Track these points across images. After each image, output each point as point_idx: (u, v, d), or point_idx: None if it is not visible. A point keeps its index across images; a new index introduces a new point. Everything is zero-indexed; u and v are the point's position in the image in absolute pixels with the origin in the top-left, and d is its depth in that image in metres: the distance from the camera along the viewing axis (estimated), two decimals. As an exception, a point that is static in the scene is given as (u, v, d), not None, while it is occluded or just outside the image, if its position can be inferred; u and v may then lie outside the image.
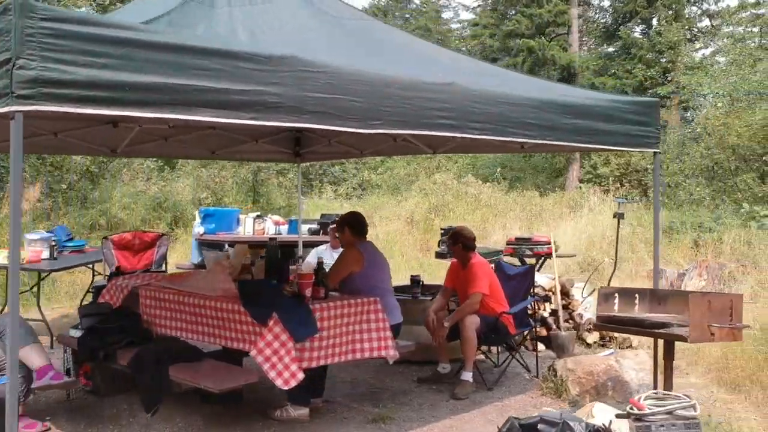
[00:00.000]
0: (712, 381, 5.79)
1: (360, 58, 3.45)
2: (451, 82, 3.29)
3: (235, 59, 2.58)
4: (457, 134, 3.33)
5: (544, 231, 13.51)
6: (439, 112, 3.22)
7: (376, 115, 2.99)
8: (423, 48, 4.29)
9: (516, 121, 3.59)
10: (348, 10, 4.60)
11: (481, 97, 3.41)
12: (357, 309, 4.52)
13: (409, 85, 3.13)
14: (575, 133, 3.94)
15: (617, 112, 4.21)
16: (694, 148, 13.47)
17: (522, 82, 4.13)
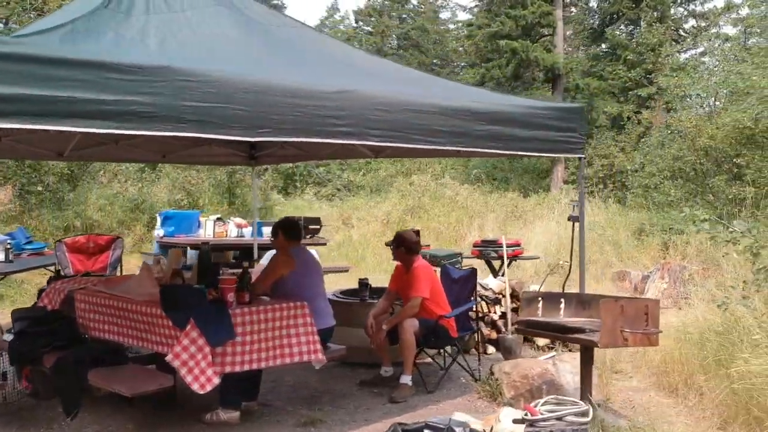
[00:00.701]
0: (653, 385, 5.82)
1: (266, 66, 3.48)
2: (350, 89, 3.32)
3: (104, 70, 2.61)
4: (354, 141, 3.36)
5: (519, 233, 13.57)
6: (335, 120, 3.25)
7: (264, 123, 3.02)
8: (347, 56, 4.31)
9: (422, 129, 3.62)
10: (277, 18, 4.63)
11: (382, 104, 3.44)
12: (283, 313, 4.55)
13: (302, 93, 3.16)
14: (489, 139, 3.96)
15: (536, 119, 4.23)
16: (665, 149, 13.50)
17: (442, 89, 4.15)
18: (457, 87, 4.51)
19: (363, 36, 50.88)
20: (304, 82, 3.27)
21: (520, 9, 21.14)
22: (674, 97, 16.15)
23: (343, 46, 4.63)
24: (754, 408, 4.46)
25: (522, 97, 5.05)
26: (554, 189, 20.90)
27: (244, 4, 4.52)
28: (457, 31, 46.22)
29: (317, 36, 4.60)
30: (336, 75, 3.61)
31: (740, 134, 11.46)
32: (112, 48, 3.27)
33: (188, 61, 3.10)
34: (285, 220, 5.37)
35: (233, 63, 3.35)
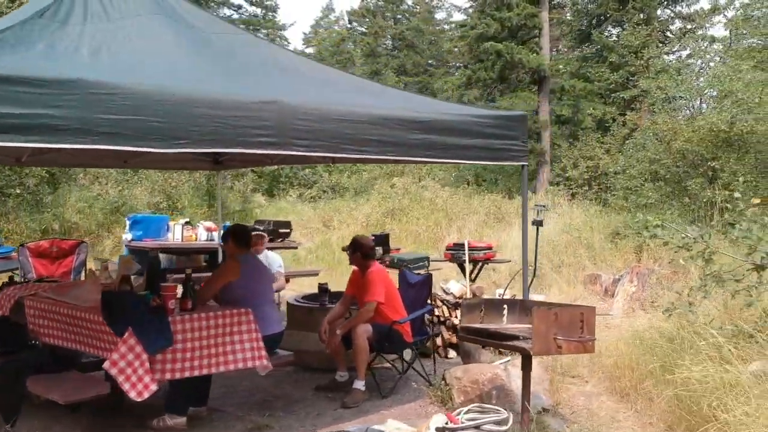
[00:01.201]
0: (606, 389, 5.85)
1: (193, 77, 3.51)
2: (274, 100, 3.35)
3: (10, 83, 2.64)
4: (279, 152, 3.39)
5: (498, 235, 13.61)
6: (258, 131, 3.28)
7: (183, 134, 3.04)
8: (286, 65, 4.34)
9: (351, 138, 3.65)
10: (220, 26, 4.66)
11: (309, 114, 3.47)
12: (226, 320, 4.58)
13: (224, 104, 3.19)
14: (424, 148, 3.99)
15: (476, 127, 4.26)
16: (642, 152, 13.55)
17: (378, 98, 4.17)
18: (398, 96, 4.52)
19: (357, 36, 50.93)
20: (228, 92, 3.30)
21: (506, 11, 21.19)
22: (657, 99, 16.19)
23: (286, 55, 4.64)
24: (695, 415, 4.51)
25: (467, 106, 5.05)
26: (540, 191, 20.97)
27: (187, 12, 4.56)
28: (452, 32, 46.27)
29: (260, 45, 4.61)
30: (265, 85, 3.64)
31: (716, 137, 11.51)
32: (38, 60, 3.29)
33: (108, 73, 3.13)
34: (235, 226, 5.41)
35: (160, 74, 3.38)
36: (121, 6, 4.27)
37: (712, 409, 4.29)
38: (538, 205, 8.33)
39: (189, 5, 4.76)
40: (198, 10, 4.68)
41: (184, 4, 4.70)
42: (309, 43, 65.32)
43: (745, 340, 5.27)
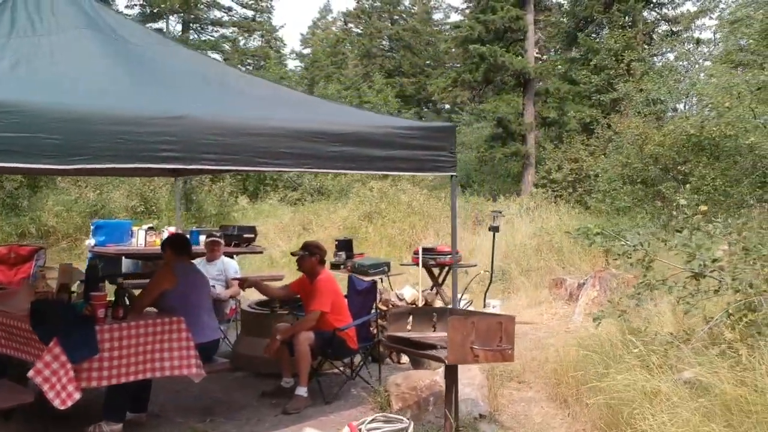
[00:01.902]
0: (547, 396, 5.90)
1: (103, 93, 3.56)
2: (181, 115, 3.41)
3: None
4: (187, 166, 3.45)
5: (474, 238, 13.67)
6: (164, 146, 3.33)
7: (81, 151, 3.09)
8: (213, 77, 4.39)
9: (264, 151, 3.70)
10: (152, 39, 4.72)
11: (218, 129, 3.53)
12: (157, 329, 4.63)
13: (126, 120, 3.24)
14: (342, 160, 4.05)
15: (398, 138, 4.31)
16: (613, 156, 13.61)
17: (297, 111, 4.21)
18: (322, 108, 4.57)
19: (353, 38, 50.95)
20: (133, 108, 3.35)
21: (490, 13, 21.23)
22: (637, 102, 16.25)
23: (215, 67, 4.68)
24: (619, 423, 4.56)
25: (395, 117, 5.10)
26: (525, 193, 21.01)
27: (120, 26, 4.61)
28: (448, 33, 46.20)
29: (191, 58, 4.65)
30: (179, 99, 3.69)
31: (687, 141, 11.55)
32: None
33: (18, 89, 3.19)
34: (173, 236, 5.47)
35: (70, 90, 3.44)
36: (50, 20, 4.32)
37: (633, 417, 4.34)
38: (494, 212, 8.41)
39: (124, 20, 4.83)
40: (133, 24, 4.75)
41: (119, 19, 4.77)
42: (306, 44, 65.55)
43: (681, 347, 5.32)
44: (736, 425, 3.94)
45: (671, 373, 4.85)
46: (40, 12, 4.37)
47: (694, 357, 4.99)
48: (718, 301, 5.81)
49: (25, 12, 4.32)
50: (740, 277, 5.46)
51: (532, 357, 6.86)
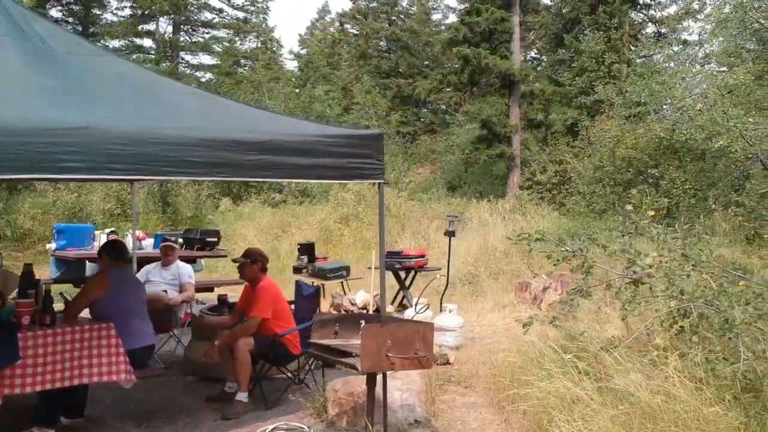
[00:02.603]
0: (487, 401, 5.93)
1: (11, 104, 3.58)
2: (86, 125, 3.43)
3: None
4: (92, 177, 3.49)
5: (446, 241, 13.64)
6: (67, 156, 3.35)
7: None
8: (137, 87, 4.41)
9: (175, 161, 3.72)
10: (82, 48, 4.74)
11: (125, 139, 3.54)
12: (85, 335, 4.66)
13: (28, 131, 3.27)
14: (261, 168, 4.06)
15: (321, 146, 4.32)
16: (586, 159, 13.64)
17: (215, 119, 4.23)
18: (242, 116, 4.57)
19: (350, 39, 50.96)
20: (37, 119, 3.37)
21: (475, 15, 21.24)
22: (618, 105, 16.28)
23: (143, 79, 4.69)
24: (542, 429, 4.59)
25: (321, 125, 5.07)
26: (510, 194, 21.00)
27: (48, 35, 4.63)
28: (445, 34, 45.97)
29: (117, 68, 4.66)
30: (87, 110, 3.70)
31: (659, 144, 11.57)
32: None
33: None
34: (108, 242, 5.50)
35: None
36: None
37: (551, 424, 4.37)
38: (450, 216, 8.44)
39: (57, 30, 4.86)
40: (68, 35, 4.79)
41: (51, 28, 4.79)
42: (304, 45, 65.63)
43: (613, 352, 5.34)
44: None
45: (596, 380, 4.89)
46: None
47: (624, 364, 5.03)
48: (663, 306, 5.85)
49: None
50: (677, 283, 5.50)
51: (483, 361, 6.90)
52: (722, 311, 5.12)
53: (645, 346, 5.26)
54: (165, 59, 29.43)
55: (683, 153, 11.61)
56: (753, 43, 13.52)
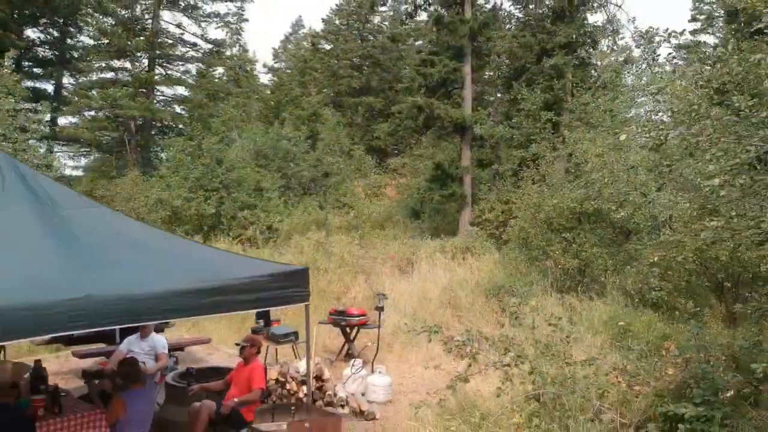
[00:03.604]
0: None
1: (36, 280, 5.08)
2: (86, 295, 4.94)
3: None
4: (92, 330, 4.99)
5: (397, 286, 15.24)
6: (73, 315, 4.84)
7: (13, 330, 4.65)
8: (149, 242, 5.97)
9: (156, 309, 5.24)
10: (80, 201, 6.27)
11: (115, 301, 5.05)
12: (85, 420, 6.17)
13: (47, 305, 4.77)
14: (215, 306, 5.59)
15: (259, 284, 5.86)
16: (511, 222, 15.38)
17: (185, 271, 5.74)
18: (202, 266, 6.09)
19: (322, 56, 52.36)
20: (52, 294, 4.84)
21: (429, 67, 22.95)
22: (550, 159, 18.05)
23: (127, 227, 6.23)
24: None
25: (262, 263, 6.60)
26: (461, 231, 22.64)
27: (55, 193, 6.15)
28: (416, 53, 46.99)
29: (107, 220, 6.19)
30: (86, 279, 5.18)
31: (571, 211, 13.32)
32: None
33: None
34: (122, 364, 7.03)
35: (9, 280, 4.95)
36: (1, 196, 5.85)
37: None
38: (379, 294, 10.01)
39: (54, 184, 6.38)
40: (67, 191, 6.29)
41: (51, 184, 6.31)
42: (278, 59, 67.00)
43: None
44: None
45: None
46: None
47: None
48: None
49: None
50: (535, 370, 7.15)
51: (398, 416, 8.52)
52: (565, 396, 6.79)
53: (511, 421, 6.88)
54: (140, 94, 30.69)
55: (593, 219, 13.36)
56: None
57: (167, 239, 6.44)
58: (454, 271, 15.60)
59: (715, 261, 10.47)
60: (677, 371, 6.88)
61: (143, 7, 30.86)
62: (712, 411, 6.20)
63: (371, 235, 20.81)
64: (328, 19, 54.70)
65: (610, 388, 7.11)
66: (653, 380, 7.03)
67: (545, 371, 7.20)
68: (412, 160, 31.17)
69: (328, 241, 17.26)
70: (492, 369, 7.62)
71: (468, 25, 22.79)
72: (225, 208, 21.89)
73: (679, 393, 6.64)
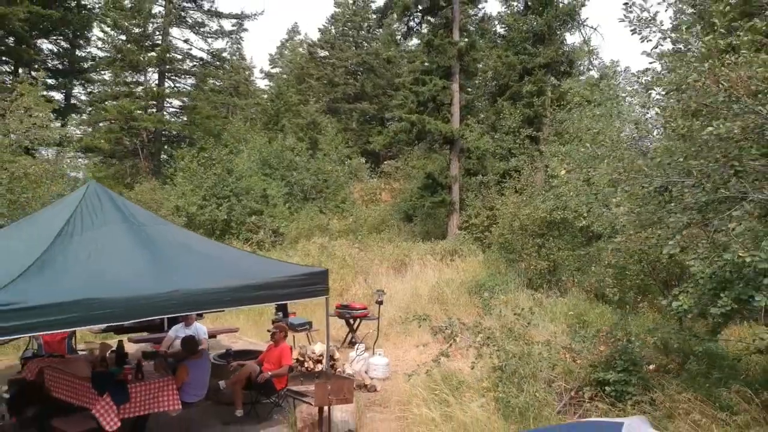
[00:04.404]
0: (397, 416, 9.52)
1: (143, 278, 7.08)
2: (176, 289, 6.92)
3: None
4: (180, 312, 7.00)
5: (391, 284, 17.25)
6: (168, 303, 6.83)
7: (135, 313, 6.65)
8: (209, 252, 7.99)
9: (215, 301, 7.22)
10: (154, 219, 8.28)
11: (194, 293, 7.02)
12: (158, 384, 8.15)
13: (147, 296, 6.74)
14: (259, 299, 7.61)
15: (293, 281, 7.88)
16: (492, 228, 17.47)
17: (237, 273, 7.76)
18: (249, 268, 8.12)
19: (319, 65, 54.28)
20: (149, 289, 6.82)
21: (421, 85, 25.05)
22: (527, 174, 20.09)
23: (188, 238, 8.28)
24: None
25: (293, 266, 8.67)
26: (450, 235, 24.70)
27: (136, 212, 8.16)
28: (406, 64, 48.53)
29: (175, 232, 8.25)
30: (173, 276, 7.19)
31: (542, 220, 15.38)
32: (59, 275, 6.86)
33: (93, 277, 6.72)
34: (185, 339, 9.01)
35: (113, 282, 6.94)
36: (100, 217, 7.85)
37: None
38: (378, 291, 12.03)
39: (138, 208, 8.37)
40: (143, 211, 8.28)
41: (131, 205, 8.31)
42: (275, 64, 68.85)
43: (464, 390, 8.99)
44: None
45: (446, 406, 8.52)
46: (95, 210, 7.89)
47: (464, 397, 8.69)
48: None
49: (87, 211, 7.85)
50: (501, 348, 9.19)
51: (397, 390, 10.52)
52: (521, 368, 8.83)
53: (481, 385, 8.92)
54: (152, 106, 32.72)
55: (561, 227, 15.42)
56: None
57: (218, 246, 8.50)
58: (443, 271, 17.63)
59: (658, 262, 12.53)
60: (607, 348, 8.93)
61: (154, 26, 32.84)
62: (629, 376, 8.25)
63: (368, 238, 22.85)
64: (324, 28, 56.80)
65: (559, 362, 9.17)
66: (590, 355, 9.08)
67: (508, 349, 9.23)
68: (405, 165, 33.31)
69: (331, 245, 19.31)
70: (467, 348, 9.70)
71: (456, 47, 24.87)
72: (235, 214, 23.89)
73: (607, 364, 8.67)
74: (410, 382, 9.15)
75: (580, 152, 11.78)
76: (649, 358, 9.34)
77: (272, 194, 25.68)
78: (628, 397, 7.98)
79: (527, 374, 8.57)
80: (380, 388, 10.72)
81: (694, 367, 8.49)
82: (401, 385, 10.64)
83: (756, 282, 6.10)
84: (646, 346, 9.30)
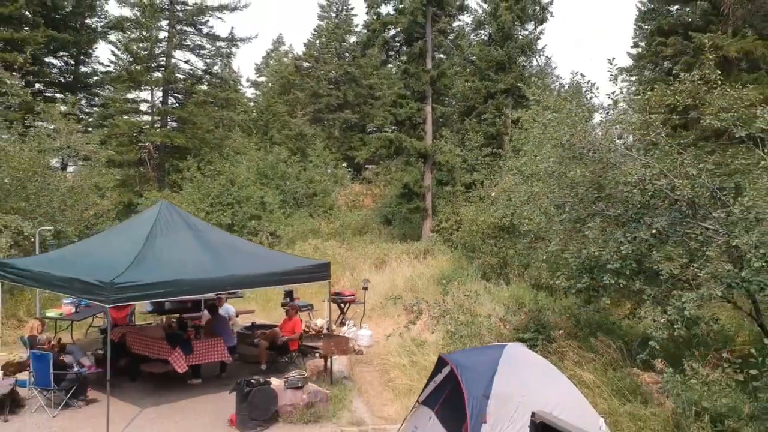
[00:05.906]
0: (377, 369, 12.88)
1: (208, 270, 10.38)
2: (231, 274, 10.20)
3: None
4: (231, 290, 10.29)
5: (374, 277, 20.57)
6: (228, 283, 10.14)
7: (204, 289, 9.95)
8: (247, 249, 11.29)
9: (253, 283, 10.55)
10: (208, 227, 11.60)
11: (241, 278, 10.25)
12: (211, 341, 11.46)
13: (211, 280, 10.00)
14: (280, 282, 10.95)
15: (305, 269, 11.21)
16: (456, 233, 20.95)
17: (267, 264, 11.11)
18: (275, 260, 11.47)
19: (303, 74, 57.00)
20: (212, 276, 10.05)
21: (398, 108, 28.53)
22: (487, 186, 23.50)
23: (233, 240, 11.63)
24: (390, 376, 11.59)
25: (304, 259, 12.02)
26: (424, 237, 28.07)
27: (196, 222, 11.48)
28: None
29: (224, 235, 11.57)
30: (226, 265, 10.44)
31: (495, 226, 18.83)
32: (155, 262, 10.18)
33: (173, 267, 10.06)
34: (208, 304, 12.31)
35: (184, 268, 10.23)
36: (171, 226, 11.12)
37: (392, 374, 11.38)
38: (364, 280, 15.42)
39: (196, 219, 11.67)
40: (201, 222, 11.60)
41: (196, 220, 11.61)
42: (261, 73, 71.25)
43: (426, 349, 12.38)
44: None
45: (412, 356, 11.90)
46: (167, 224, 11.15)
47: (426, 351, 12.07)
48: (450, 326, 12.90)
49: (164, 222, 11.13)
50: (455, 319, 12.58)
51: (377, 353, 13.89)
52: (467, 332, 12.23)
53: (438, 344, 12.28)
54: (157, 121, 35.83)
55: (510, 230, 18.87)
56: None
57: (253, 245, 11.85)
58: (416, 267, 21.01)
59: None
60: (527, 318, 12.38)
61: (159, 50, 36.00)
62: (539, 335, 11.69)
63: (354, 240, 26.21)
64: (309, 43, 59.60)
65: (494, 327, 12.60)
66: (516, 323, 12.52)
67: (459, 319, 12.64)
68: (385, 172, 36.72)
69: (323, 246, 22.66)
70: (429, 319, 13.09)
71: (429, 74, 28.29)
72: (237, 219, 27.06)
73: (525, 328, 12.10)
74: (388, 341, 12.50)
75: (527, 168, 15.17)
76: (560, 326, 12.79)
77: (269, 201, 28.89)
78: (536, 349, 11.41)
79: (471, 335, 11.98)
80: (366, 353, 14.06)
81: (585, 329, 11.95)
82: (381, 349, 14.00)
83: (605, 268, 9.55)
84: (559, 317, 12.73)
